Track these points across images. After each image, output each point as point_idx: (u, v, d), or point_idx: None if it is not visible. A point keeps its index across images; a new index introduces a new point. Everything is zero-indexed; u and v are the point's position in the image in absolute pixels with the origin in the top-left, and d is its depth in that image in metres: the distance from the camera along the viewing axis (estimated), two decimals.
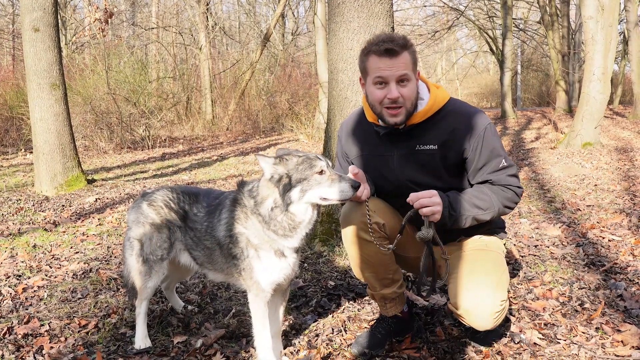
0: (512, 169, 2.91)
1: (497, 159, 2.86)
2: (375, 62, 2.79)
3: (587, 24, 12.18)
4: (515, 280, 4.24)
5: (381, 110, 2.85)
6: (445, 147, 2.88)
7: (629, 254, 4.71)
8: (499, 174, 2.87)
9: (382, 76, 2.78)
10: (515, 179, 2.91)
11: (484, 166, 2.87)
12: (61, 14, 22.52)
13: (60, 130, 8.81)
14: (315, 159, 2.72)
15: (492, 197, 2.83)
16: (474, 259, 2.93)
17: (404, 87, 2.79)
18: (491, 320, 2.72)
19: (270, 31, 21.82)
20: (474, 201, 2.81)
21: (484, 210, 2.82)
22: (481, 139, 2.84)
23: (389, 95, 2.78)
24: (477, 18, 32.78)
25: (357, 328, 3.52)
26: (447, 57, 50.00)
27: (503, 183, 2.87)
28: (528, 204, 7.00)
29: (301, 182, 2.69)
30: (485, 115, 2.94)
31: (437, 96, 2.92)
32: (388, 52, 2.74)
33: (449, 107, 2.94)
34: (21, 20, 8.86)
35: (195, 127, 21.08)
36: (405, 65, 2.77)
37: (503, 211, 2.88)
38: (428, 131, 2.91)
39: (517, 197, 2.91)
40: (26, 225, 6.69)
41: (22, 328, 3.61)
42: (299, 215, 2.75)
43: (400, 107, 2.80)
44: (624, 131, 16.32)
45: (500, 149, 2.88)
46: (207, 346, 3.32)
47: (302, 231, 2.81)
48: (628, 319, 3.41)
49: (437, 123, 2.91)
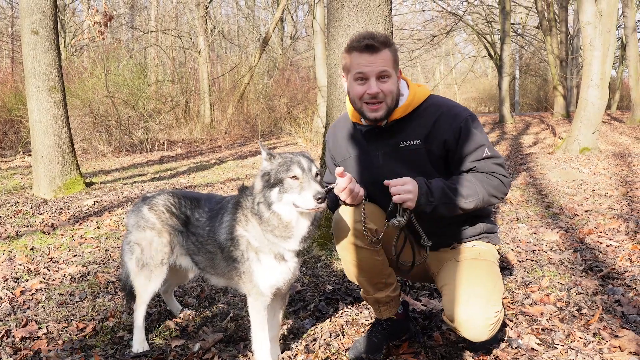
0: (498, 158, 2.88)
1: (480, 148, 2.84)
2: (357, 58, 2.82)
3: (585, 29, 12.22)
4: (513, 285, 4.24)
5: (361, 106, 2.87)
6: (428, 141, 2.88)
7: (626, 260, 4.72)
8: (483, 162, 2.84)
9: (362, 72, 2.80)
10: (500, 167, 2.87)
11: (467, 155, 2.85)
12: (60, 16, 22.55)
13: (58, 133, 8.81)
14: (294, 163, 2.71)
15: (477, 185, 2.79)
16: (467, 270, 2.91)
17: (384, 82, 2.81)
18: (486, 332, 2.71)
19: (269, 35, 21.85)
20: (457, 187, 2.78)
21: (466, 199, 2.77)
22: (462, 129, 2.83)
23: (368, 91, 2.80)
24: (476, 23, 32.82)
25: (355, 332, 3.52)
26: (445, 61, 50.12)
27: (488, 170, 2.84)
28: (526, 209, 7.01)
29: (278, 183, 2.72)
30: (466, 108, 2.95)
31: (416, 92, 2.94)
32: (369, 48, 2.78)
33: (429, 102, 2.95)
34: (20, 23, 8.86)
35: (193, 131, 21.10)
36: (385, 62, 2.80)
37: (489, 200, 2.83)
38: (410, 126, 2.92)
39: (504, 186, 2.86)
40: (24, 228, 6.69)
41: (20, 331, 3.61)
42: (285, 215, 2.74)
43: (380, 102, 2.82)
44: (621, 136, 16.35)
45: (483, 140, 2.86)
46: (204, 350, 3.31)
47: (298, 233, 2.80)
48: (626, 325, 3.41)
49: (418, 117, 2.92)
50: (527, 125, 23.70)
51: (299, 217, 2.76)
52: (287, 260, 2.90)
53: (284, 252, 2.87)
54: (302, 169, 2.68)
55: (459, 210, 2.81)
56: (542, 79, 40.84)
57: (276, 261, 2.88)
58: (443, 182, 2.79)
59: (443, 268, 3.04)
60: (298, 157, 2.75)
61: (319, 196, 2.58)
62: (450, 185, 2.79)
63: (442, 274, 3.03)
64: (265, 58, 28.04)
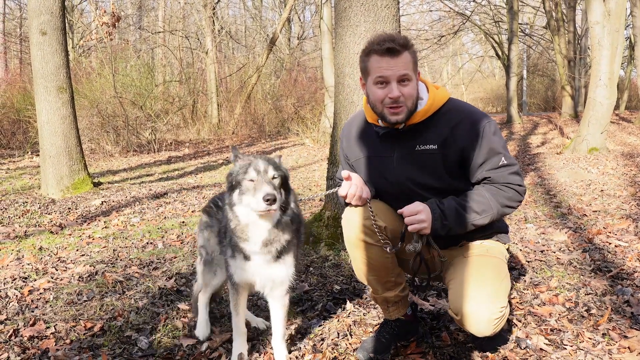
0: (514, 167, 2.86)
1: (497, 156, 2.82)
2: (377, 62, 2.78)
3: (593, 29, 12.16)
4: (522, 286, 4.22)
5: (382, 110, 2.84)
6: (445, 146, 2.85)
7: (635, 260, 4.69)
8: (499, 172, 2.83)
9: (383, 76, 2.77)
10: (516, 177, 2.86)
11: (483, 163, 2.83)
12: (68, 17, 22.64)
13: (66, 133, 8.85)
14: (251, 166, 2.76)
15: (491, 199, 2.79)
16: (474, 265, 2.90)
17: (405, 86, 2.78)
18: (490, 327, 2.70)
19: (277, 35, 21.86)
20: (471, 205, 2.79)
21: (480, 215, 2.79)
22: (480, 136, 2.80)
23: (390, 95, 2.77)
24: (483, 23, 32.74)
25: (362, 332, 3.51)
26: (452, 61, 50.02)
27: (503, 181, 2.83)
28: (534, 209, 6.98)
29: (238, 186, 2.78)
30: (486, 114, 2.91)
31: (436, 95, 2.90)
32: (389, 52, 2.74)
33: (448, 106, 2.92)
34: (29, 24, 8.90)
35: (201, 131, 21.13)
36: (406, 65, 2.76)
37: (503, 212, 2.85)
38: (428, 131, 2.89)
39: (519, 195, 2.86)
40: (32, 228, 6.71)
41: (28, 330, 3.62)
42: (242, 217, 2.80)
43: (401, 106, 2.79)
44: (630, 136, 16.28)
45: (500, 147, 2.83)
46: (212, 349, 3.32)
47: (256, 235, 2.83)
48: (635, 325, 3.39)
49: (436, 122, 2.89)
50: (535, 125, 23.61)
51: (257, 220, 2.80)
52: (252, 260, 2.93)
53: (249, 254, 2.91)
54: (257, 171, 2.74)
55: (473, 227, 2.83)
56: (549, 79, 40.67)
57: (243, 260, 2.96)
58: (455, 202, 2.80)
59: (451, 264, 3.04)
60: (257, 159, 2.80)
61: (267, 197, 2.60)
62: (463, 203, 2.79)
63: (450, 269, 3.03)
64: (272, 58, 28.05)
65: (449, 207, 2.78)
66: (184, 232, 6.36)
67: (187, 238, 6.11)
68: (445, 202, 2.80)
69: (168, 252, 5.56)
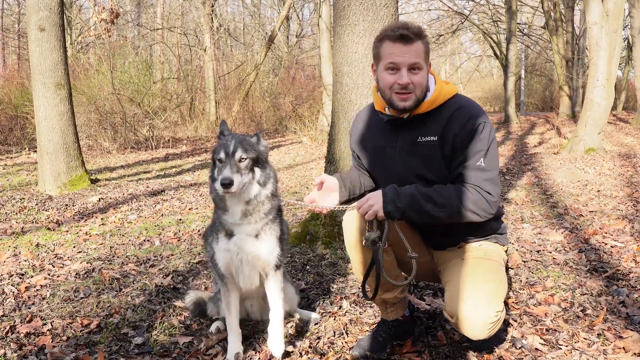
0: (490, 173, 2.78)
1: (477, 157, 2.77)
2: (389, 48, 2.79)
3: (591, 29, 12.18)
4: (517, 286, 4.24)
5: (391, 95, 2.84)
6: (443, 138, 2.85)
7: (631, 261, 4.70)
8: (474, 173, 2.77)
9: (394, 62, 2.77)
10: (489, 184, 2.77)
11: (463, 159, 2.80)
12: (67, 13, 22.59)
13: (64, 130, 8.84)
14: (221, 147, 2.88)
15: (453, 195, 2.74)
16: (472, 268, 2.89)
17: (415, 74, 2.78)
18: (485, 330, 2.69)
19: (275, 33, 21.82)
20: (431, 195, 2.73)
21: (438, 208, 2.72)
22: (473, 131, 2.78)
23: (399, 81, 2.77)
24: (482, 22, 32.76)
25: (358, 331, 3.52)
26: (451, 60, 50.09)
27: (473, 183, 2.76)
28: (531, 209, 7.00)
29: (214, 163, 2.94)
30: (486, 115, 2.89)
31: (442, 88, 2.89)
32: (402, 38, 2.75)
33: (453, 100, 2.91)
34: (27, 20, 8.89)
35: (198, 128, 21.10)
36: (418, 54, 2.77)
37: (465, 215, 2.76)
38: (431, 123, 2.89)
39: (486, 204, 2.75)
40: (29, 224, 6.71)
41: (25, 327, 3.62)
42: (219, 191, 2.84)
43: (410, 92, 2.79)
44: (627, 137, 16.31)
45: (487, 150, 2.78)
46: (208, 347, 3.32)
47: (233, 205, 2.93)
48: (630, 326, 3.40)
49: (440, 115, 2.88)
50: (532, 125, 23.66)
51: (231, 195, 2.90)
52: (235, 236, 3.01)
53: (231, 227, 3.00)
54: (226, 153, 2.85)
55: (431, 218, 2.77)
56: (547, 79, 40.72)
57: (226, 238, 3.03)
58: (416, 189, 2.76)
59: (448, 265, 3.04)
60: (230, 140, 2.89)
61: (224, 181, 2.73)
62: (422, 191, 2.75)
63: (446, 271, 3.03)
64: (270, 56, 28.01)
65: (405, 192, 2.74)
66: (181, 230, 6.36)
67: (184, 236, 6.11)
68: (406, 187, 2.78)
69: (165, 249, 5.56)
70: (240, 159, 2.84)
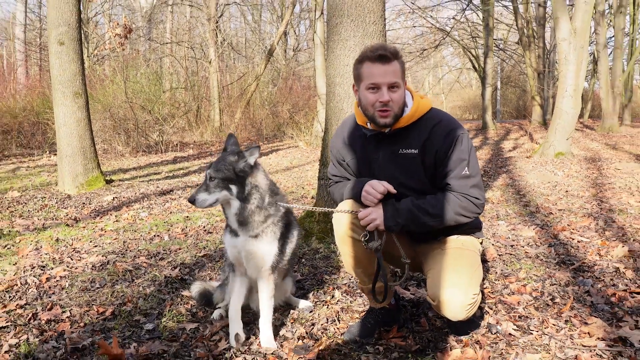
0: (474, 179, 2.84)
1: (461, 166, 2.81)
2: (369, 68, 2.80)
3: (560, 45, 12.22)
4: (493, 277, 4.25)
5: (373, 113, 2.85)
6: (424, 151, 2.87)
7: (595, 254, 4.73)
8: (461, 182, 2.82)
9: (375, 82, 2.78)
10: (476, 190, 2.83)
11: (449, 171, 2.83)
12: (84, 29, 22.50)
13: (81, 135, 8.81)
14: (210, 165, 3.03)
15: (445, 205, 2.79)
16: (451, 256, 2.93)
17: (394, 92, 2.79)
18: (463, 312, 2.74)
19: (274, 47, 21.80)
20: (425, 207, 2.80)
21: (433, 218, 2.80)
22: (453, 143, 2.81)
23: (380, 99, 2.78)
24: (462, 38, 32.75)
25: (349, 318, 3.53)
26: (433, 73, 50.06)
27: (461, 191, 2.82)
28: (505, 208, 7.01)
29: None
30: (462, 126, 2.92)
31: (419, 103, 2.91)
32: (381, 58, 2.76)
33: (430, 115, 2.93)
34: (48, 35, 8.85)
35: (204, 134, 21.05)
36: (395, 74, 2.78)
37: (457, 219, 2.84)
38: (410, 136, 2.91)
39: (475, 207, 2.84)
40: (50, 221, 6.69)
41: (46, 314, 3.62)
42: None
43: (389, 110, 2.81)
44: (592, 142, 16.37)
45: (468, 159, 2.83)
46: (212, 333, 3.32)
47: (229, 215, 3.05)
48: (594, 313, 3.42)
49: (418, 128, 2.90)
50: (507, 131, 23.70)
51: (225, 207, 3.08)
52: (238, 236, 3.09)
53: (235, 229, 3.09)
54: (205, 174, 3.01)
55: (426, 227, 2.85)
56: (521, 89, 40.79)
57: (233, 236, 3.12)
58: (412, 203, 2.81)
59: (430, 255, 3.06)
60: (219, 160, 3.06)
61: (189, 199, 2.98)
62: (418, 205, 2.81)
63: (428, 260, 3.05)
64: (270, 68, 27.95)
65: (402, 208, 2.81)
66: (188, 226, 6.36)
67: (191, 231, 6.10)
68: (402, 202, 2.83)
69: (173, 244, 5.56)
70: (210, 178, 2.96)
